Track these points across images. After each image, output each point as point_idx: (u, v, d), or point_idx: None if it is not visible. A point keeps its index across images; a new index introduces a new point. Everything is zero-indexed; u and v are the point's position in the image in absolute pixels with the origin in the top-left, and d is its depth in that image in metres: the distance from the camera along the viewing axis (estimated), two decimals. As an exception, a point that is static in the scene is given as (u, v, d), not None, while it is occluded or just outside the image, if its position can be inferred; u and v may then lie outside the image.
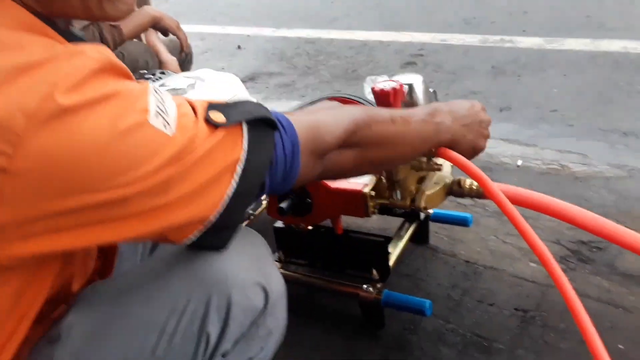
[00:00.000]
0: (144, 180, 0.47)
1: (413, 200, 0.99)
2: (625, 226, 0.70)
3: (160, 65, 2.01)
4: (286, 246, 1.19)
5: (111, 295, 0.60)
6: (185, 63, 2.25)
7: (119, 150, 0.45)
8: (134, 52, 1.84)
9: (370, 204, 0.99)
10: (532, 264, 1.20)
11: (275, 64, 3.27)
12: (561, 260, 1.20)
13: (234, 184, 0.53)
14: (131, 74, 0.52)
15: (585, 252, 1.22)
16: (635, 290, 1.09)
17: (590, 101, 2.15)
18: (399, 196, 1.00)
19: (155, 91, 0.52)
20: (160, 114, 0.49)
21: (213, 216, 0.53)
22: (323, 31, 3.69)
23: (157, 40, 2.07)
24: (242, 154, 0.54)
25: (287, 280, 1.16)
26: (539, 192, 0.81)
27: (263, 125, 0.57)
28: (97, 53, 0.47)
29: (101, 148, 0.44)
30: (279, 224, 1.17)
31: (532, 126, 2.02)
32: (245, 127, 0.55)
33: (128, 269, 0.74)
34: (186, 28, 4.56)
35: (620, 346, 0.97)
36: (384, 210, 1.16)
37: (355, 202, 0.99)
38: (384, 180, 1.01)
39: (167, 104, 0.51)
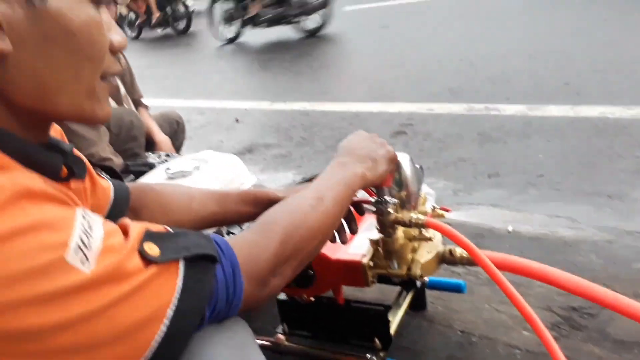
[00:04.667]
0: (55, 311, 0.43)
1: (409, 269, 1.04)
2: (614, 290, 0.73)
3: (154, 145, 2.10)
4: (290, 318, 1.22)
5: None
6: (177, 133, 2.34)
7: (24, 283, 0.42)
8: (117, 113, 1.89)
9: (370, 273, 1.04)
10: (525, 332, 1.23)
11: (272, 136, 3.40)
12: (553, 326, 1.22)
13: (163, 328, 0.49)
14: (58, 195, 0.49)
15: (577, 318, 1.25)
16: (627, 357, 1.12)
17: (574, 165, 2.24)
18: (395, 265, 1.05)
19: (83, 216, 0.48)
20: (81, 249, 0.45)
21: None
22: (316, 104, 3.85)
23: (149, 119, 2.17)
24: (174, 297, 0.50)
25: (292, 352, 1.20)
26: (530, 257, 0.84)
27: (203, 260, 0.54)
28: (8, 180, 0.45)
29: (5, 277, 0.41)
30: (282, 296, 1.21)
31: (520, 191, 2.10)
32: (181, 265, 0.52)
33: None
34: (186, 103, 4.76)
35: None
36: (382, 279, 1.21)
37: (355, 272, 1.04)
38: (381, 251, 1.06)
39: (93, 233, 0.47)
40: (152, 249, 0.50)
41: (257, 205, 0.94)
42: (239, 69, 5.76)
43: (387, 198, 0.96)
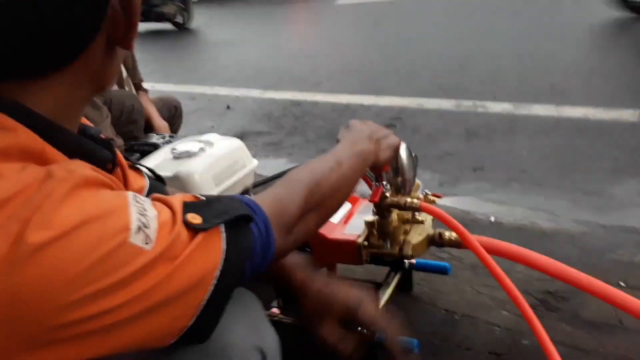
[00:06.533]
0: (124, 292, 0.46)
1: (401, 249, 1.12)
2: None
3: (152, 129, 2.14)
4: (285, 294, 1.29)
5: None
6: (175, 118, 2.39)
7: (97, 274, 0.45)
8: (119, 96, 1.95)
9: (364, 252, 1.12)
10: (504, 312, 1.32)
11: (263, 124, 3.45)
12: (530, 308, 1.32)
13: (211, 288, 0.53)
14: (108, 182, 0.52)
15: (552, 301, 1.35)
16: (596, 335, 1.21)
17: (556, 163, 2.35)
18: (388, 246, 1.13)
19: (136, 199, 0.51)
20: (141, 229, 0.48)
21: (191, 321, 0.53)
22: (308, 94, 3.91)
23: (149, 103, 2.20)
24: (220, 259, 0.54)
25: (287, 325, 1.26)
26: (511, 245, 0.94)
27: (240, 221, 0.58)
28: (65, 172, 0.47)
29: (78, 274, 0.44)
30: (278, 272, 1.27)
31: (503, 185, 2.20)
32: (223, 229, 0.56)
33: None
34: (177, 88, 4.76)
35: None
36: (373, 260, 1.28)
37: (350, 251, 1.11)
38: (375, 232, 1.14)
39: (148, 214, 0.50)
40: (195, 218, 0.53)
41: None
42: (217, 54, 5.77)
43: (384, 182, 1.04)
